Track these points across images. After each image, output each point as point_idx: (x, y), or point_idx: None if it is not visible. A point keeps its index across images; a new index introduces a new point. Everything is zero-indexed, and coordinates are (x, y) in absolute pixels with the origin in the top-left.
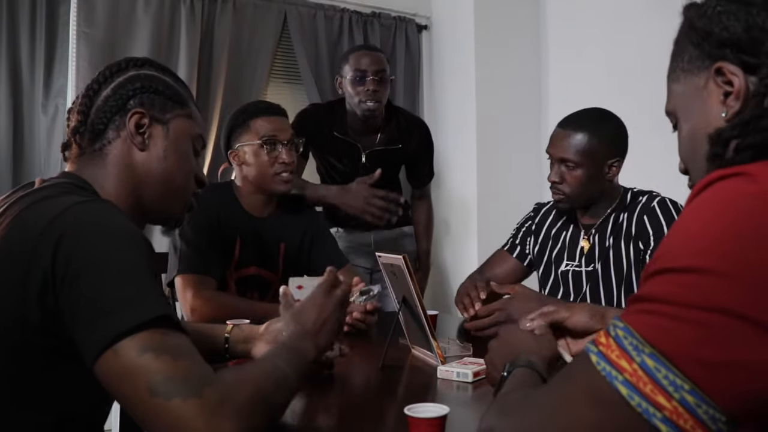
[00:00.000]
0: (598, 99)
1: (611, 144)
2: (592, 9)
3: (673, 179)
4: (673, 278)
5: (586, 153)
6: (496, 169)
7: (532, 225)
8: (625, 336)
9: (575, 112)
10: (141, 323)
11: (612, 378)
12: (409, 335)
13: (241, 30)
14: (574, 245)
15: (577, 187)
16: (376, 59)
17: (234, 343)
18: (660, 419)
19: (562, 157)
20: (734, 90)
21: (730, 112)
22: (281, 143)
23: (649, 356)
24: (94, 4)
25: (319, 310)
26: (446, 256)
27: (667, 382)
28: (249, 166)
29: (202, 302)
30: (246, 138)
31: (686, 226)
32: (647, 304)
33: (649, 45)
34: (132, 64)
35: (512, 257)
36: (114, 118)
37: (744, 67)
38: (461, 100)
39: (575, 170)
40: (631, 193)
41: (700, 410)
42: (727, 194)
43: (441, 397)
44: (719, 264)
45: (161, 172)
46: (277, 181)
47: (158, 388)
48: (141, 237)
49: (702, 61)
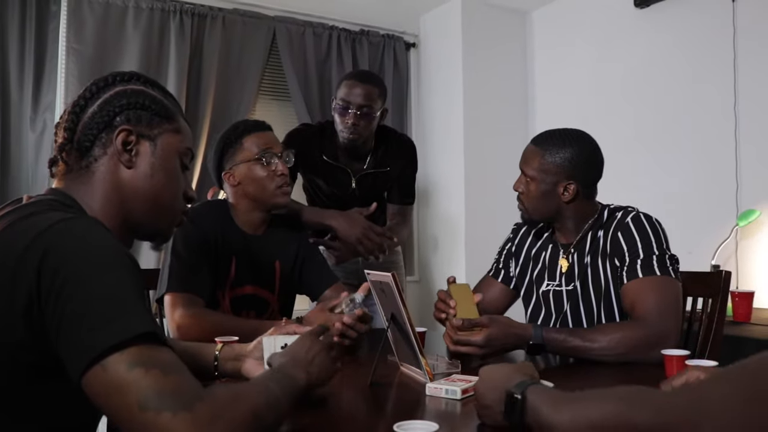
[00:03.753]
0: (585, 116)
1: (568, 167)
2: (578, 27)
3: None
4: None
5: (541, 170)
6: (484, 185)
7: (512, 247)
8: None
9: (550, 130)
10: (129, 338)
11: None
12: (397, 352)
13: (230, 46)
14: (554, 265)
15: (531, 201)
16: (363, 93)
17: (224, 361)
18: None
19: (522, 169)
20: None
21: None
22: (276, 156)
23: None
24: (84, 19)
25: (309, 347)
26: (434, 272)
27: None
28: (247, 184)
29: (189, 320)
30: (240, 157)
31: None
32: None
33: (634, 62)
34: (119, 78)
35: (498, 282)
36: (100, 135)
37: None
38: (449, 116)
39: (531, 184)
40: (608, 210)
41: None
42: None
43: (430, 414)
44: None
45: (149, 190)
46: (278, 194)
47: (148, 402)
48: (126, 254)
49: None
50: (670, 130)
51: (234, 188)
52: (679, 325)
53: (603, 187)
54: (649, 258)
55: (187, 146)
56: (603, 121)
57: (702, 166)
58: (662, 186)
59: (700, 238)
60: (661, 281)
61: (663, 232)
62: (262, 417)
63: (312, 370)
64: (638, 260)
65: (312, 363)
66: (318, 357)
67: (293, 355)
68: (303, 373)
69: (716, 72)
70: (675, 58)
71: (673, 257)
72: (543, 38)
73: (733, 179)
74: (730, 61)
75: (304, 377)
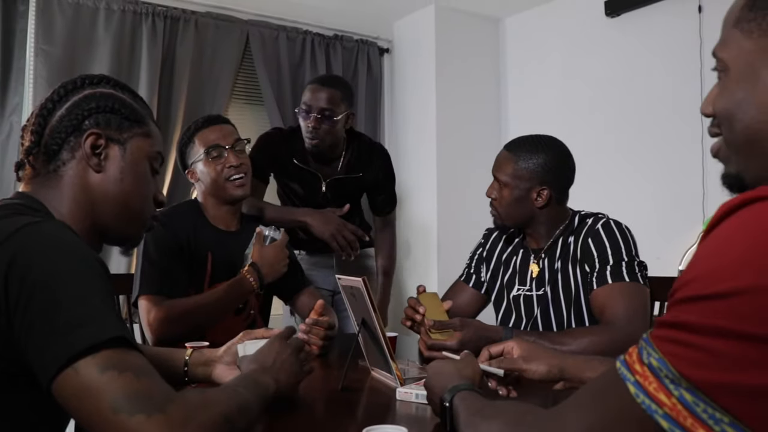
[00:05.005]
0: (556, 122)
1: (541, 173)
2: (550, 35)
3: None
4: (702, 306)
5: (514, 176)
6: (456, 191)
7: (483, 252)
8: (660, 368)
9: (522, 136)
10: (100, 342)
11: (653, 411)
12: (368, 357)
13: (202, 50)
14: (525, 269)
15: (505, 207)
16: (325, 97)
17: (194, 366)
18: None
19: (495, 175)
20: None
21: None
22: (224, 148)
23: (686, 390)
24: (53, 20)
25: (277, 354)
26: (406, 277)
27: (707, 415)
28: (204, 181)
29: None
30: (194, 154)
31: (720, 247)
32: (681, 334)
33: (604, 70)
34: (88, 81)
35: (469, 287)
36: (69, 138)
37: None
38: (422, 122)
39: (504, 190)
40: (579, 216)
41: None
42: (763, 216)
43: (400, 418)
44: (756, 279)
45: (118, 194)
46: (231, 187)
47: (121, 405)
48: (95, 258)
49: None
50: (639, 137)
51: (198, 184)
52: (646, 329)
53: (573, 193)
54: (618, 264)
55: (157, 150)
56: (573, 127)
57: (670, 173)
58: (631, 192)
59: (668, 244)
60: (629, 287)
61: (632, 238)
62: (234, 421)
63: (280, 377)
64: (608, 266)
65: (280, 369)
66: (286, 362)
67: (261, 362)
68: (271, 380)
69: (683, 80)
70: (644, 66)
71: (642, 263)
72: (515, 45)
73: (700, 186)
74: (697, 69)
75: (273, 384)
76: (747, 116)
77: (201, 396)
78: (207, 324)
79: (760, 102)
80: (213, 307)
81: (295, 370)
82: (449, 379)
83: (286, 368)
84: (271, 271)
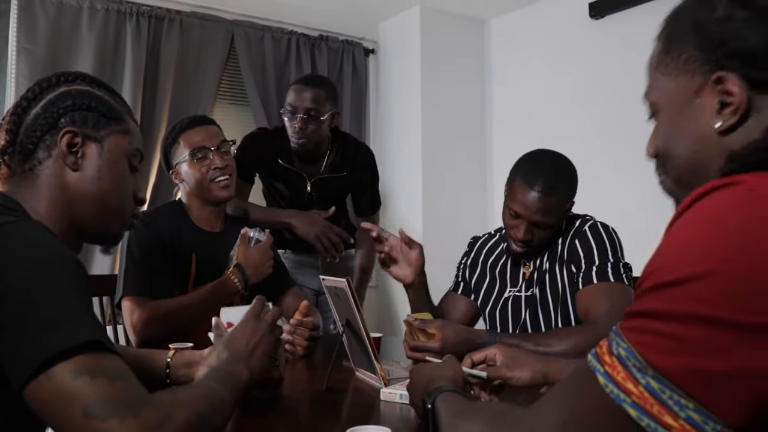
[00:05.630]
0: (541, 123)
1: (574, 191)
2: (535, 36)
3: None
4: (670, 293)
5: (558, 212)
6: (441, 192)
7: (468, 260)
8: (628, 357)
9: (538, 166)
10: (74, 346)
11: (621, 401)
12: (352, 357)
13: (187, 50)
14: (516, 272)
15: (545, 240)
16: (310, 97)
17: (176, 368)
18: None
19: (536, 221)
20: (734, 104)
21: (726, 125)
22: (210, 149)
23: (652, 378)
24: (36, 18)
25: (250, 336)
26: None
27: (672, 402)
28: (188, 182)
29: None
30: (179, 154)
31: (682, 236)
32: (648, 322)
33: (589, 71)
34: (63, 79)
35: (461, 296)
36: (44, 137)
37: (749, 81)
38: (407, 122)
39: (547, 229)
40: (566, 218)
41: (707, 427)
42: (724, 203)
43: (384, 419)
44: (716, 265)
45: (96, 193)
46: (216, 188)
47: (94, 410)
48: (72, 259)
49: (702, 65)
50: (624, 137)
51: (182, 185)
52: None
53: None
54: (603, 265)
55: (136, 147)
56: (558, 128)
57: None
58: (616, 193)
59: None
60: (614, 287)
61: (618, 240)
62: (209, 419)
63: (253, 363)
64: (593, 267)
65: (252, 355)
66: (260, 346)
67: (235, 348)
68: (244, 368)
69: None
70: (628, 67)
71: (627, 265)
72: (500, 46)
73: None
74: None
75: (246, 373)
76: (682, 148)
77: (175, 396)
78: (191, 325)
79: (691, 132)
80: (197, 308)
81: (268, 352)
82: (431, 381)
83: (260, 352)
84: (255, 272)
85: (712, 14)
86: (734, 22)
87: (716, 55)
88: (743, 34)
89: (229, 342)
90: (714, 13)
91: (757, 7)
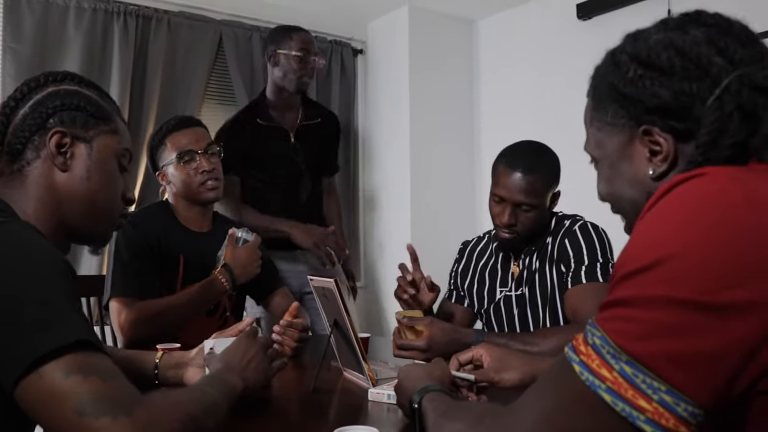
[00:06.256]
0: (529, 123)
1: (557, 177)
2: (523, 36)
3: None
4: (637, 280)
5: (541, 193)
6: (430, 191)
7: (459, 267)
8: (602, 345)
9: (519, 151)
10: (65, 346)
11: (596, 387)
12: (340, 358)
13: (175, 49)
14: (506, 271)
15: (532, 226)
16: (311, 39)
17: (164, 369)
18: (644, 421)
19: (519, 202)
20: (662, 153)
21: (658, 172)
22: (197, 153)
23: (626, 363)
24: (22, 18)
25: (244, 351)
26: (380, 278)
27: (645, 385)
28: (175, 184)
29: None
30: (165, 156)
31: (650, 226)
32: (618, 310)
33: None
34: (51, 78)
35: (455, 303)
36: (33, 137)
37: (672, 131)
38: (395, 122)
39: (530, 212)
40: (556, 218)
41: (679, 408)
42: (689, 194)
43: (372, 419)
44: (680, 247)
45: (85, 193)
46: (203, 191)
47: (86, 408)
48: (60, 259)
49: (628, 120)
50: None
51: (168, 186)
52: None
53: None
54: (593, 265)
55: (125, 147)
56: (546, 128)
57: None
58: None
59: None
60: (602, 288)
61: (608, 241)
62: (200, 421)
63: (247, 374)
64: (583, 267)
65: (247, 367)
66: (253, 361)
67: (228, 361)
68: (238, 379)
69: None
70: None
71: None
72: (489, 47)
73: None
74: None
75: (240, 383)
76: (626, 195)
77: (167, 397)
78: (179, 325)
79: (629, 179)
80: (185, 308)
81: (264, 367)
82: (418, 381)
83: (254, 366)
84: (243, 272)
85: (625, 76)
86: (644, 80)
87: (637, 112)
88: (655, 92)
89: (223, 356)
90: (626, 75)
91: (660, 66)
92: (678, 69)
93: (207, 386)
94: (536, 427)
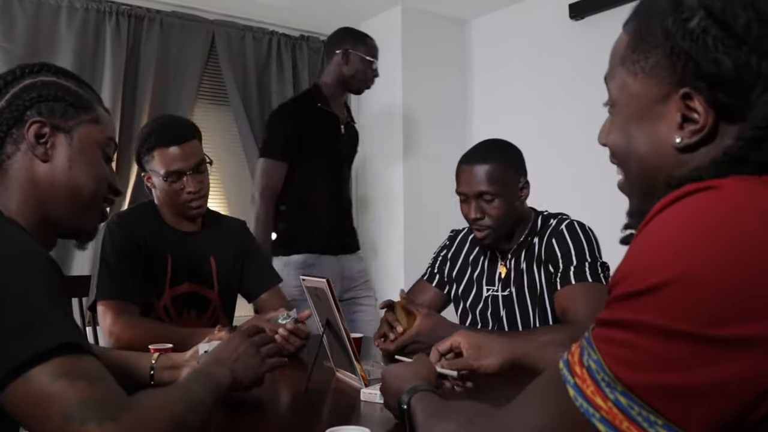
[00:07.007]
0: (522, 123)
1: (518, 166)
2: (516, 37)
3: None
4: (638, 302)
5: (501, 181)
6: (423, 192)
7: (447, 253)
8: (597, 370)
9: (474, 147)
10: (50, 349)
11: (590, 415)
12: (333, 358)
13: (168, 49)
14: (493, 270)
15: (500, 218)
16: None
17: (160, 370)
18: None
19: (478, 191)
20: (698, 125)
21: (686, 143)
22: (185, 173)
23: (621, 394)
24: (14, 17)
25: (235, 346)
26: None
27: (641, 418)
28: (160, 193)
29: (121, 328)
30: (152, 166)
31: (654, 241)
32: (617, 332)
33: (569, 72)
34: (27, 71)
35: (432, 286)
36: (11, 131)
37: (717, 105)
38: (388, 122)
39: (494, 201)
40: (542, 217)
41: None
42: (699, 210)
43: (364, 419)
44: (682, 272)
45: (67, 183)
46: (188, 208)
47: (73, 413)
48: (45, 257)
49: (670, 76)
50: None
51: (154, 191)
52: None
53: (538, 193)
54: (581, 265)
55: (108, 136)
56: (539, 128)
57: None
58: (598, 193)
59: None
60: (592, 287)
61: (595, 240)
62: (187, 421)
63: (237, 367)
64: (571, 267)
65: (237, 361)
66: (243, 355)
67: (217, 355)
68: (226, 371)
69: None
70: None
71: (604, 264)
72: (482, 46)
73: None
74: None
75: (228, 375)
76: (638, 154)
77: (153, 399)
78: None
79: (649, 141)
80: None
81: (254, 363)
82: (406, 382)
83: (243, 360)
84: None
85: (685, 25)
86: (708, 40)
87: (685, 71)
88: (716, 57)
89: (213, 352)
90: (687, 24)
91: (734, 28)
92: (753, 38)
93: (193, 383)
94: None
